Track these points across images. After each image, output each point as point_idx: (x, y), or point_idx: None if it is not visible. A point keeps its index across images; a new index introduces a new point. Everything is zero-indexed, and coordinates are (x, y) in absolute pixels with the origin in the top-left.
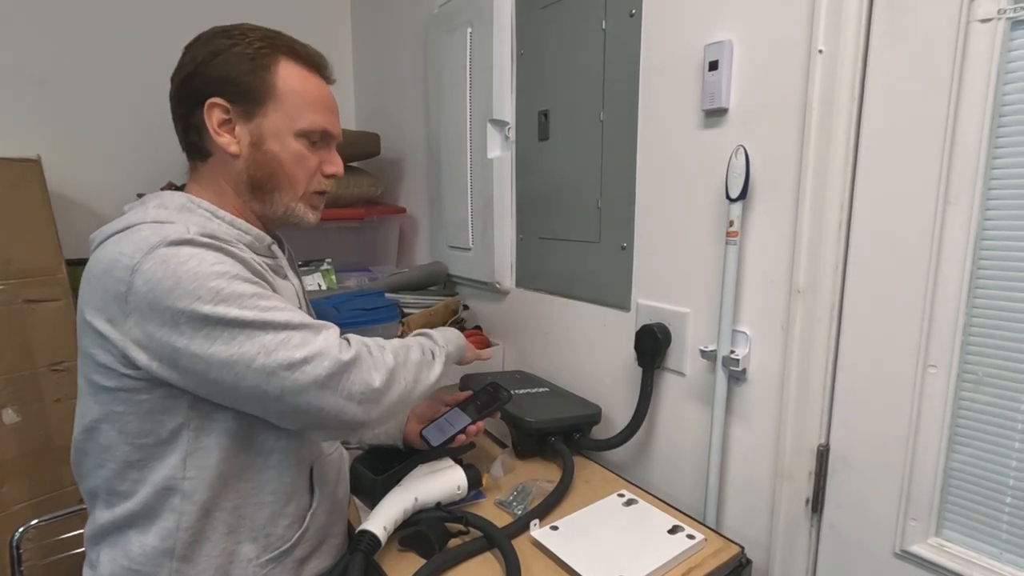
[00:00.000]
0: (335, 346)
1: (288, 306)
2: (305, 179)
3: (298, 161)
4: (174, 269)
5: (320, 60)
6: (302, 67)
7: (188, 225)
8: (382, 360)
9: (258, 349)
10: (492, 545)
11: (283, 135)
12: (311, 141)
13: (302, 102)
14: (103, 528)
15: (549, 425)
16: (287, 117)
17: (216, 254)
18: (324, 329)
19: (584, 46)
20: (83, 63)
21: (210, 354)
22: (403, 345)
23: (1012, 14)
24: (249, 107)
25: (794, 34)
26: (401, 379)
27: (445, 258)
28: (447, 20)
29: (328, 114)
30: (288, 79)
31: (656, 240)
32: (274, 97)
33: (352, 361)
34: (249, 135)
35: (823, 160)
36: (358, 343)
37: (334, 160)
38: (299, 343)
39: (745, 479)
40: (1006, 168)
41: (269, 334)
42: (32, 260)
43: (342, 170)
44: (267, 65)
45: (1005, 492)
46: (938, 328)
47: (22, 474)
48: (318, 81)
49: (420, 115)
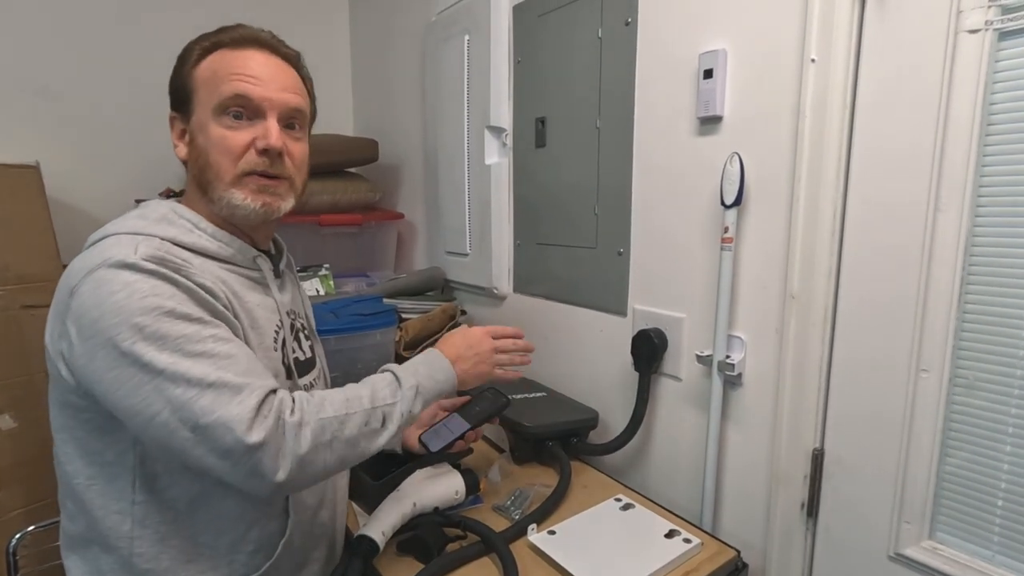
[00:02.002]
0: (245, 420)
1: (224, 349)
2: (229, 162)
3: (219, 144)
4: (103, 299)
5: (251, 33)
6: (226, 49)
7: (139, 244)
8: (300, 442)
9: (163, 404)
10: (490, 550)
11: (205, 123)
12: (233, 117)
13: (216, 79)
14: (71, 539)
15: (546, 430)
16: (206, 102)
17: (154, 283)
18: (245, 392)
19: (580, 54)
20: (82, 70)
21: (117, 397)
22: (344, 414)
23: (999, 25)
24: (183, 109)
25: (787, 43)
26: (320, 461)
27: (443, 263)
28: (444, 28)
29: (247, 80)
30: (207, 67)
31: (652, 246)
32: (195, 88)
33: (258, 445)
34: (188, 136)
35: (816, 167)
36: (279, 415)
37: (266, 132)
38: (207, 407)
39: (741, 483)
40: (994, 176)
41: (179, 388)
42: (30, 266)
43: (275, 140)
44: (190, 60)
45: (997, 495)
46: (930, 333)
47: (19, 481)
48: (245, 54)
49: (418, 122)
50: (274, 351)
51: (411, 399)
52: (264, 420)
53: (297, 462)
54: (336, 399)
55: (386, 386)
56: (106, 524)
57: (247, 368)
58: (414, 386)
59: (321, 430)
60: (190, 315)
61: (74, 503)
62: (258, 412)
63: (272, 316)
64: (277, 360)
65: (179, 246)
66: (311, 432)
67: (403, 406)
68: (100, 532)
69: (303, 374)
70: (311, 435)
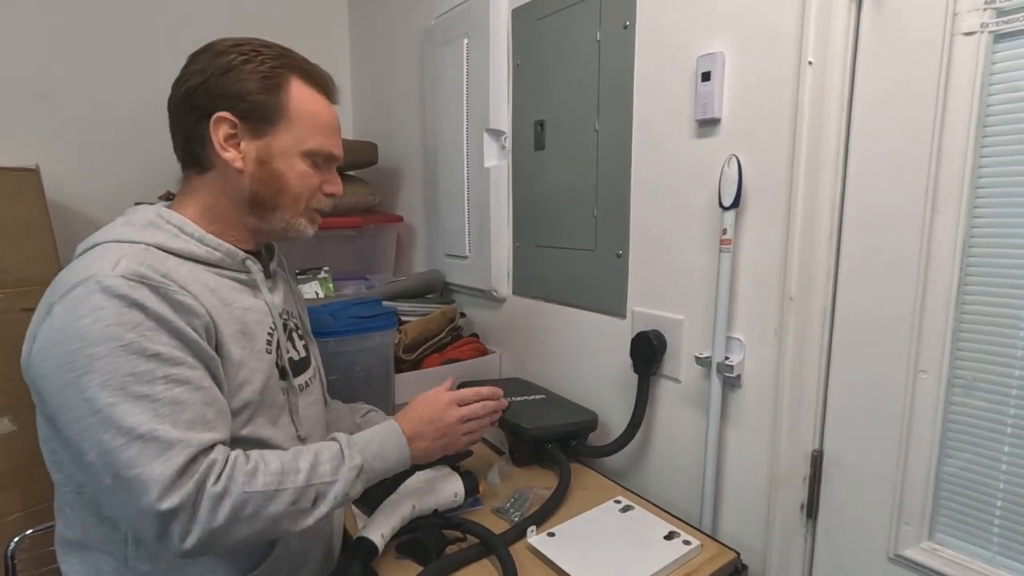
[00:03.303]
0: (164, 483)
1: (173, 393)
2: (307, 197)
3: (302, 180)
4: (69, 322)
5: (330, 82)
6: (313, 89)
7: (122, 259)
8: (216, 515)
9: (93, 445)
10: (489, 552)
11: (290, 155)
12: (315, 162)
13: (312, 124)
14: (68, 543)
15: (546, 432)
16: (296, 138)
17: (121, 311)
18: (174, 450)
19: (579, 57)
20: (81, 73)
21: (60, 422)
22: (274, 489)
23: (995, 27)
24: (259, 125)
25: (784, 46)
26: (237, 535)
27: (442, 266)
28: (443, 32)
29: (335, 137)
30: (300, 101)
31: (651, 248)
32: (285, 118)
33: (169, 512)
34: (256, 152)
35: (814, 169)
36: (202, 481)
37: (335, 180)
38: (131, 460)
39: (740, 485)
40: (991, 177)
41: (109, 433)
42: (30, 269)
43: (341, 190)
44: (280, 85)
45: (996, 495)
46: (928, 334)
47: (17, 484)
48: (326, 103)
49: (417, 125)
50: (267, 353)
51: (351, 481)
52: (183, 486)
53: (208, 534)
54: (272, 467)
55: (328, 460)
56: (101, 529)
57: (192, 418)
58: (357, 467)
59: (243, 504)
60: (147, 350)
61: (70, 508)
62: (181, 475)
63: (264, 319)
64: (271, 362)
65: (166, 252)
66: (231, 505)
67: (340, 488)
68: (96, 537)
69: (297, 374)
70: (230, 508)
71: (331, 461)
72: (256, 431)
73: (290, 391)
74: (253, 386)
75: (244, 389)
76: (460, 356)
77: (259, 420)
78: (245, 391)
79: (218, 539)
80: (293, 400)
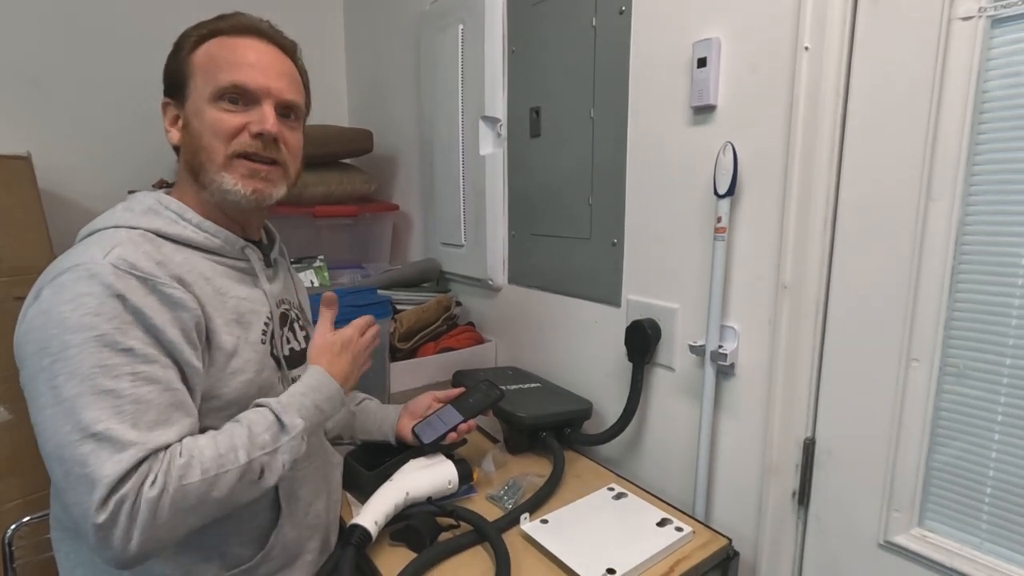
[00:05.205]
0: (107, 487)
1: (138, 392)
2: (221, 143)
3: (213, 126)
4: (52, 307)
5: (250, 22)
6: (224, 37)
7: (115, 247)
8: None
9: (51, 435)
10: (482, 539)
11: (201, 108)
12: (229, 102)
13: (214, 66)
14: (64, 530)
15: (540, 420)
16: (202, 88)
17: (102, 300)
18: (127, 452)
19: (575, 43)
20: (74, 60)
21: (32, 407)
22: (214, 475)
23: (992, 12)
24: (178, 94)
25: (780, 31)
26: (183, 526)
27: (438, 255)
28: (439, 17)
29: (245, 68)
30: (204, 54)
31: (646, 236)
32: (192, 74)
33: (106, 524)
34: (182, 120)
35: (809, 156)
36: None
37: (263, 117)
38: (83, 457)
39: (733, 472)
40: (986, 164)
41: (68, 426)
42: (23, 258)
43: (270, 125)
44: (187, 47)
45: (986, 483)
46: (921, 322)
47: (15, 472)
48: (244, 42)
49: (413, 112)
50: (261, 344)
51: (297, 445)
52: (122, 490)
53: (152, 535)
54: (207, 454)
55: (265, 430)
56: None
57: (154, 419)
58: (300, 431)
59: (183, 497)
60: (119, 344)
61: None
62: (126, 479)
63: (261, 309)
64: (265, 353)
65: (164, 238)
66: (170, 501)
67: (286, 455)
68: None
69: (295, 366)
70: (170, 505)
71: (269, 431)
72: None
73: (285, 382)
74: (247, 375)
75: (237, 378)
76: (455, 345)
77: None
78: (238, 380)
79: (165, 535)
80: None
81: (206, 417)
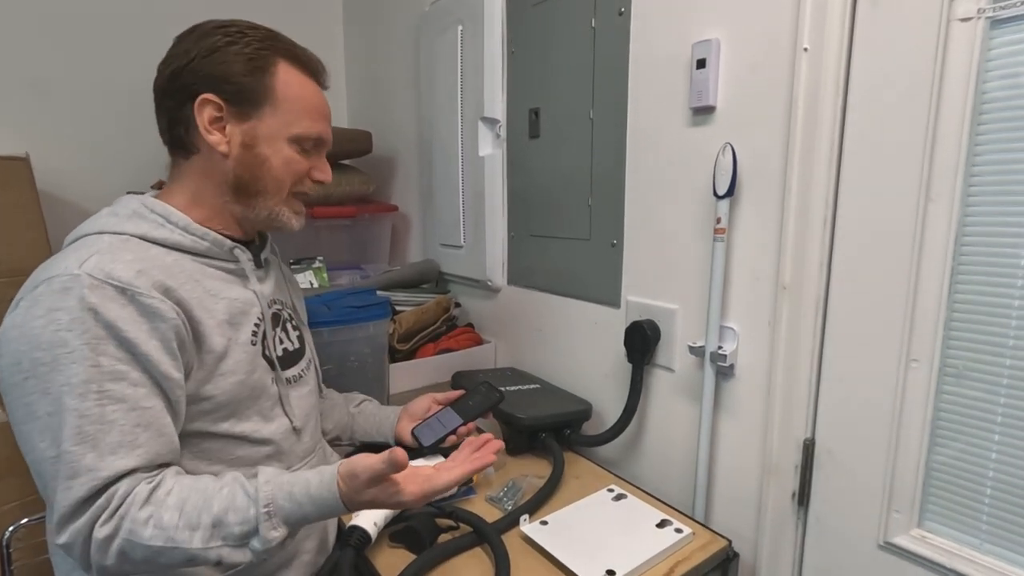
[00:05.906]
0: (60, 515)
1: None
2: (291, 183)
3: (287, 165)
4: (26, 320)
5: (318, 66)
6: (300, 71)
7: (92, 256)
8: (105, 556)
9: (28, 448)
10: (482, 540)
11: (277, 139)
12: (303, 147)
13: (299, 108)
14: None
15: (540, 422)
16: (283, 122)
17: (75, 315)
18: (80, 479)
19: (574, 44)
20: (73, 61)
21: (12, 419)
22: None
23: (991, 13)
24: (244, 108)
25: (779, 32)
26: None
27: (437, 256)
28: (438, 18)
29: (323, 122)
30: (287, 84)
31: (645, 237)
32: (271, 101)
33: (65, 546)
34: (241, 136)
35: (808, 157)
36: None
37: (323, 167)
38: (49, 475)
39: (733, 473)
40: (985, 165)
41: (42, 443)
42: (21, 259)
43: (330, 177)
44: (265, 67)
45: (985, 484)
46: (920, 323)
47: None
48: (315, 87)
49: (412, 113)
50: (251, 345)
51: (264, 550)
52: (75, 521)
53: (108, 567)
54: (166, 520)
55: (239, 523)
56: None
57: (117, 440)
58: (275, 542)
59: (131, 549)
60: (87, 359)
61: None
62: (77, 510)
63: (251, 309)
64: (256, 354)
65: (150, 242)
66: (117, 549)
67: (249, 558)
68: None
69: (288, 366)
70: (117, 552)
71: (241, 525)
72: (239, 427)
73: (279, 383)
74: (237, 377)
75: (228, 379)
76: (455, 346)
77: (246, 413)
78: (229, 381)
79: (122, 571)
80: (284, 391)
81: (198, 419)
